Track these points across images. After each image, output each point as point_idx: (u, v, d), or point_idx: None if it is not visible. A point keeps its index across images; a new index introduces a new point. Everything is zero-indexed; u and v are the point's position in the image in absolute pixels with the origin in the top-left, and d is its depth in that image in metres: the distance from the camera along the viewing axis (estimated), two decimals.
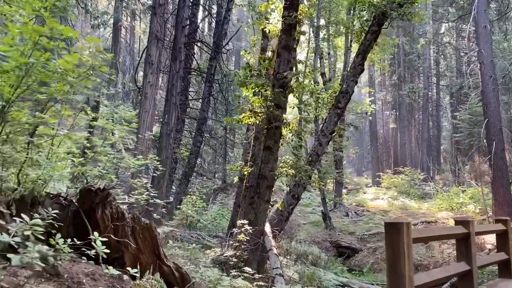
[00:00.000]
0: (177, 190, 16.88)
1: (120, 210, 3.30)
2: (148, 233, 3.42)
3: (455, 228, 4.80)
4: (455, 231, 4.73)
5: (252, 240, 7.15)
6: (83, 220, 3.19)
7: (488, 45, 14.39)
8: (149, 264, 3.33)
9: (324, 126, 8.98)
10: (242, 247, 7.01)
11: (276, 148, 7.47)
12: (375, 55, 25.59)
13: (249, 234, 7.16)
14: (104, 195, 3.16)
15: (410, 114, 37.44)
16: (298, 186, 8.58)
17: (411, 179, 26.65)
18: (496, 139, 13.80)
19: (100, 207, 3.21)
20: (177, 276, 3.45)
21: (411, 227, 3.75)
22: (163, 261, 3.43)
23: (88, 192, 3.12)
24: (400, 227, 3.62)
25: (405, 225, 3.64)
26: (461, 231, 4.82)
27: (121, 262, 3.28)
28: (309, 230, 17.57)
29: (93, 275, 2.71)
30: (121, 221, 3.30)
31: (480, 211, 16.18)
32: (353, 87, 9.11)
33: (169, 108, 14.72)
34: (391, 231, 3.67)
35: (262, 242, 7.09)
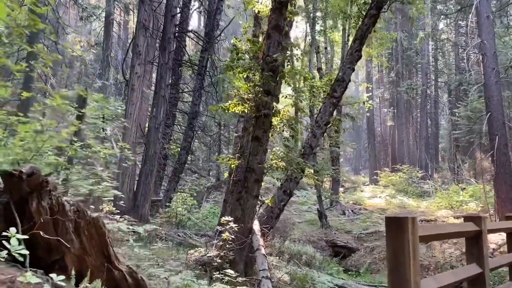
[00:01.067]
0: (167, 187, 16.22)
1: (60, 202, 2.66)
2: (95, 230, 2.78)
3: (465, 225, 4.19)
4: (466, 228, 4.11)
5: (238, 239, 6.52)
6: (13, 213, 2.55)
7: (491, 36, 13.80)
8: (97, 268, 2.71)
9: (318, 117, 8.36)
10: (227, 247, 6.38)
11: (266, 139, 6.84)
12: (373, 50, 25.04)
13: (235, 232, 6.53)
14: (37, 183, 2.53)
15: (408, 111, 36.89)
16: (290, 181, 7.96)
17: (409, 177, 26.09)
18: (499, 134, 13.21)
19: (35, 198, 2.58)
20: (131, 282, 2.82)
21: (417, 223, 3.13)
22: (114, 264, 2.80)
23: (10, 177, 2.49)
24: (405, 223, 2.99)
25: (410, 221, 3.01)
26: (472, 229, 4.21)
27: (63, 265, 2.66)
28: (304, 228, 16.95)
29: (11, 283, 2.09)
30: (63, 215, 2.67)
31: (482, 209, 15.62)
32: (349, 75, 8.49)
33: (157, 101, 14.06)
34: (393, 228, 3.05)
35: (249, 241, 6.47)
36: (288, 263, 9.77)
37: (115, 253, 2.86)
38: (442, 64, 36.78)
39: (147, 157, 13.88)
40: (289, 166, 6.77)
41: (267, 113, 6.67)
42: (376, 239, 14.59)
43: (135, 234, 9.39)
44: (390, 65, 35.09)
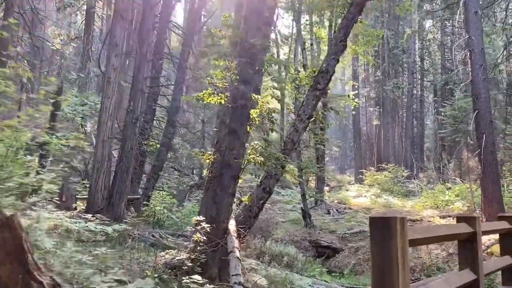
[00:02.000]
0: (146, 185, 15.60)
1: None
2: (10, 233, 2.24)
3: (459, 226, 3.75)
4: (460, 230, 3.67)
5: (211, 241, 6.01)
6: None
7: (479, 32, 13.51)
8: (11, 279, 2.17)
9: (301, 110, 7.87)
10: (198, 249, 5.86)
11: (243, 132, 6.33)
12: (359, 48, 24.71)
13: (208, 233, 6.02)
14: None
15: (394, 110, 36.76)
16: (269, 178, 7.46)
17: (395, 176, 25.86)
18: (486, 132, 12.93)
19: None
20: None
21: (406, 225, 2.65)
22: (33, 274, 2.26)
23: None
24: (392, 224, 2.52)
25: (398, 222, 2.54)
26: (466, 231, 3.78)
27: None
28: (288, 228, 16.50)
29: None
30: None
31: (468, 208, 15.37)
32: (334, 66, 8.02)
33: (134, 94, 13.44)
34: (379, 230, 2.57)
35: (224, 243, 5.95)
36: (268, 265, 9.28)
37: (36, 261, 2.32)
38: (428, 64, 36.75)
39: (123, 153, 13.24)
40: (267, 161, 6.27)
41: (244, 104, 6.16)
42: (360, 239, 14.20)
43: (105, 235, 8.82)
44: (377, 64, 34.89)
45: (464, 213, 15.39)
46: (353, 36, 24.85)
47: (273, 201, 23.60)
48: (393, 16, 34.75)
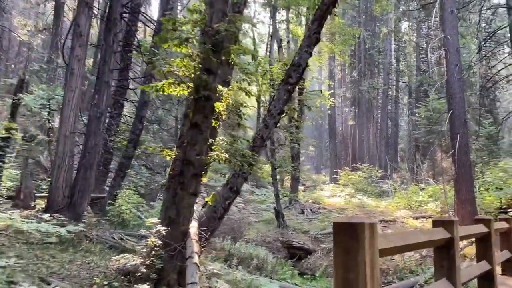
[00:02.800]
0: (111, 184, 14.86)
1: None
2: None
3: (435, 232, 3.37)
4: (436, 236, 3.29)
5: (168, 245, 5.49)
6: None
7: (454, 31, 13.40)
8: None
9: (271, 105, 7.43)
10: (154, 254, 5.33)
11: (206, 126, 5.82)
12: (335, 47, 24.54)
13: (166, 236, 5.50)
14: None
15: (369, 111, 36.89)
16: (237, 177, 6.98)
17: (369, 176, 25.83)
18: (460, 133, 12.82)
19: None
20: None
21: (377, 231, 2.23)
22: None
23: None
24: (360, 231, 2.08)
25: (367, 228, 2.10)
26: (443, 236, 3.40)
27: None
28: (261, 228, 16.07)
29: None
30: None
31: (441, 209, 15.28)
32: (306, 59, 7.60)
33: (99, 87, 12.70)
34: (344, 237, 2.13)
35: (182, 248, 5.44)
36: (236, 269, 8.82)
37: None
38: (404, 66, 37.02)
39: (86, 149, 12.49)
40: (233, 158, 5.79)
41: (208, 96, 5.66)
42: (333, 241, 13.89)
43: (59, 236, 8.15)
44: (353, 64, 34.91)
45: (438, 214, 15.30)
46: (330, 35, 24.73)
47: (247, 201, 23.20)
48: (370, 17, 34.86)
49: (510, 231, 6.42)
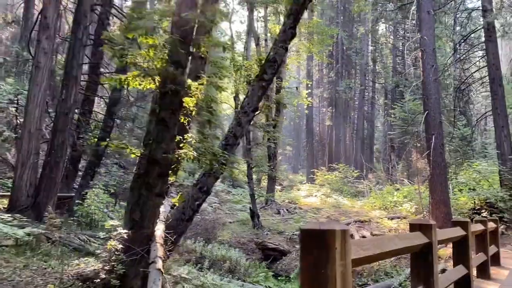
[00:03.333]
0: (80, 183, 14.27)
1: None
2: None
3: (413, 237, 3.14)
4: (414, 241, 3.06)
5: (130, 249, 5.12)
6: None
7: (431, 32, 13.40)
8: None
9: (245, 102, 7.12)
10: (115, 258, 4.96)
11: (174, 122, 5.48)
12: (313, 46, 24.46)
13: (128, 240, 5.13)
14: None
15: (346, 111, 37.07)
16: (208, 176, 6.64)
17: (345, 176, 25.86)
18: (435, 134, 12.81)
19: None
20: None
21: (349, 240, 1.95)
22: None
23: None
24: (331, 240, 1.81)
25: (339, 236, 1.83)
26: (421, 241, 3.19)
27: None
28: (235, 229, 15.76)
29: None
30: None
31: (416, 210, 15.32)
32: (282, 55, 7.34)
33: (67, 82, 12.13)
34: (312, 246, 1.86)
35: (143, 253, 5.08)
36: (207, 272, 8.49)
37: None
38: (380, 67, 37.35)
39: (53, 146, 11.91)
40: (202, 157, 5.47)
41: (176, 90, 5.31)
42: None
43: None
44: (331, 65, 34.99)
45: (413, 215, 15.32)
46: (308, 35, 24.63)
47: (223, 201, 22.83)
48: (348, 18, 35.01)
49: (485, 233, 6.32)
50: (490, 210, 13.08)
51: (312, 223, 1.93)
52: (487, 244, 6.39)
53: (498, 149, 14.84)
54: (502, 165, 14.12)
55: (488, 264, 6.36)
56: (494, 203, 13.11)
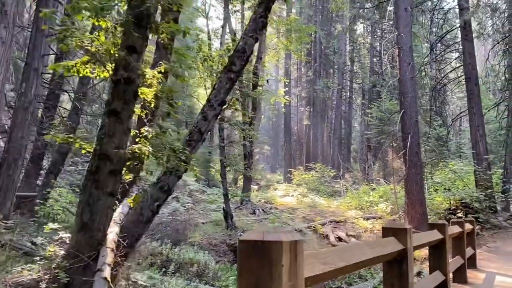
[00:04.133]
0: (43, 182, 13.50)
1: None
2: None
3: (385, 244, 2.73)
4: (387, 249, 2.65)
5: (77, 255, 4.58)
6: None
7: (408, 29, 13.20)
8: None
9: (212, 95, 6.63)
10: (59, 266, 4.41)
11: (128, 114, 4.95)
12: (290, 44, 24.13)
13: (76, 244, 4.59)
14: None
15: (324, 111, 36.93)
16: (169, 175, 6.11)
17: (322, 176, 25.61)
18: (411, 133, 12.61)
19: None
20: None
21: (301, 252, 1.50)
22: None
23: None
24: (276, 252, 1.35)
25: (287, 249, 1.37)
26: (395, 249, 2.78)
27: None
28: (208, 230, 15.21)
29: None
30: None
31: (391, 210, 15.12)
32: (252, 45, 6.88)
33: (27, 75, 11.38)
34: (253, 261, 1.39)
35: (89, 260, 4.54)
36: (172, 276, 7.97)
37: None
38: (358, 67, 37.37)
39: (11, 142, 11.16)
40: (158, 153, 4.95)
41: (130, 78, 4.79)
42: None
43: None
44: (309, 64, 34.78)
45: (388, 215, 15.11)
46: (285, 32, 24.30)
47: (197, 201, 22.21)
48: (326, 18, 34.86)
49: (463, 236, 6.01)
50: (465, 210, 12.96)
51: (255, 232, 1.46)
52: (464, 246, 6.09)
53: (473, 149, 14.79)
54: (477, 165, 14.05)
55: (465, 267, 6.07)
56: (470, 203, 12.99)
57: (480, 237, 11.47)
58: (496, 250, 10.16)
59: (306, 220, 16.95)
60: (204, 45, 7.01)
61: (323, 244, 13.41)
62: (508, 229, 12.91)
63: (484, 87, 25.08)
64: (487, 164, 14.29)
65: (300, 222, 16.31)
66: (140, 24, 4.80)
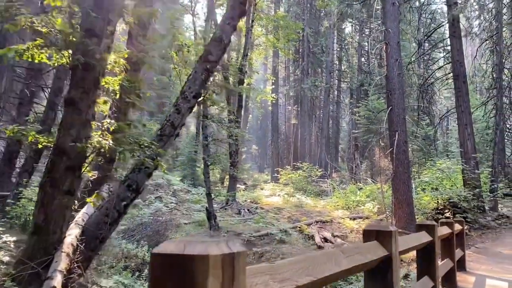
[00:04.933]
0: (16, 181, 12.88)
1: None
2: None
3: (366, 250, 2.32)
4: (367, 256, 2.24)
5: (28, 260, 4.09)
6: None
7: (396, 24, 12.87)
8: None
9: (186, 87, 6.17)
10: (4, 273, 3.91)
11: (87, 104, 4.48)
12: (277, 42, 23.75)
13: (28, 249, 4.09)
14: None
15: (312, 110, 36.62)
16: (138, 172, 5.64)
17: (309, 175, 25.23)
18: (399, 130, 12.27)
19: None
20: None
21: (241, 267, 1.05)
22: None
23: None
24: (200, 270, 0.91)
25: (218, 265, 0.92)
26: (377, 256, 2.38)
27: None
28: (190, 231, 14.71)
29: None
30: None
31: (378, 210, 14.80)
32: (229, 33, 6.45)
33: None
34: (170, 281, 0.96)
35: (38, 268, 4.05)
36: (145, 281, 7.49)
37: None
38: (346, 66, 37.14)
39: None
40: (120, 147, 4.49)
41: (88, 64, 4.31)
42: (266, 243, 12.93)
43: None
44: (297, 62, 34.44)
45: (375, 215, 14.79)
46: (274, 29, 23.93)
47: (181, 201, 21.67)
48: (315, 16, 34.56)
49: (452, 237, 5.65)
50: (453, 210, 12.68)
51: (174, 242, 1.02)
52: (453, 248, 5.73)
53: (461, 147, 14.53)
54: (465, 163, 13.79)
55: (455, 271, 5.71)
56: (458, 202, 12.71)
57: (468, 237, 11.18)
58: (485, 251, 9.87)
59: (291, 220, 16.56)
60: (179, 33, 6.55)
61: (309, 245, 13.02)
62: (497, 229, 12.66)
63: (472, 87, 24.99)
64: (475, 163, 14.05)
65: (285, 223, 15.91)
66: (100, 5, 4.33)
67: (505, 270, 7.64)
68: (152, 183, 21.96)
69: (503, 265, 8.05)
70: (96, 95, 4.53)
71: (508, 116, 20.49)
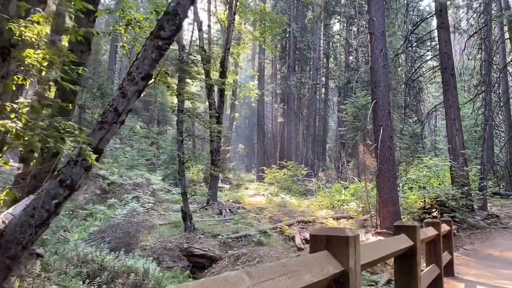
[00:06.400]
0: None
1: None
2: None
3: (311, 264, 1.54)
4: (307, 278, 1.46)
5: None
6: None
7: (380, 13, 12.15)
8: None
9: (133, 67, 5.34)
10: None
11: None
12: (261, 36, 23.00)
13: None
14: None
15: (298, 108, 35.93)
16: (73, 165, 4.80)
17: (294, 174, 24.49)
18: (383, 125, 11.54)
19: None
20: None
21: None
22: None
23: None
24: None
25: None
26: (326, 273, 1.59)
27: None
28: (164, 232, 13.81)
29: None
30: None
31: (363, 209, 14.09)
32: (186, 8, 5.62)
33: None
34: None
35: None
36: None
37: None
38: (333, 65, 36.54)
39: None
40: (32, 132, 3.64)
41: None
42: (243, 245, 12.09)
43: None
44: (283, 59, 33.73)
45: (359, 215, 14.08)
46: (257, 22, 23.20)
47: (160, 200, 20.77)
48: (301, 12, 33.88)
49: (438, 239, 4.89)
50: (441, 209, 12.01)
51: None
52: (440, 252, 4.97)
53: (449, 143, 13.89)
54: (453, 160, 13.15)
55: (442, 278, 4.95)
56: (445, 201, 12.03)
57: (456, 238, 10.50)
58: (475, 253, 9.19)
59: (273, 220, 15.78)
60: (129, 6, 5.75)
61: (288, 246, 12.23)
62: (486, 229, 12.02)
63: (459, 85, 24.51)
64: (464, 160, 13.42)
65: (266, 223, 15.11)
66: None
67: (496, 274, 6.94)
68: (130, 182, 21.03)
69: (494, 269, 7.36)
70: (5, 69, 3.67)
71: (497, 113, 19.99)
